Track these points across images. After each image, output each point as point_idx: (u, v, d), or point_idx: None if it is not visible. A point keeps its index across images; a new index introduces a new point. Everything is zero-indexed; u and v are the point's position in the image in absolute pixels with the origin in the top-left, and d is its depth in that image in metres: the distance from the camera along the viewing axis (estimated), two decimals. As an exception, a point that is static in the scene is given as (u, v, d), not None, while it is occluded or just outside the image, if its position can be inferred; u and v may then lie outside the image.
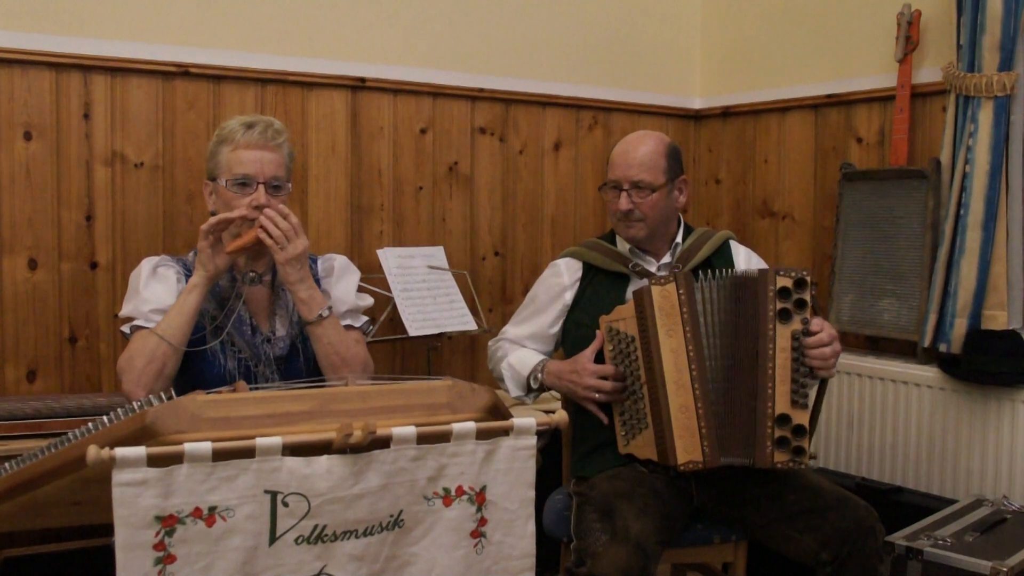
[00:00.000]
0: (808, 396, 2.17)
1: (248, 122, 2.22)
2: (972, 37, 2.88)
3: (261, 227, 2.14)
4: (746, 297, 2.22)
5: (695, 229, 2.59)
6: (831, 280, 3.33)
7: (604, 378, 2.29)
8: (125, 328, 2.18)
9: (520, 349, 2.52)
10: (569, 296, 2.52)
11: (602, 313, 2.36)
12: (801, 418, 2.15)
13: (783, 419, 2.14)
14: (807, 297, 2.18)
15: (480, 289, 3.52)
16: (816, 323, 2.18)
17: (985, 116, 2.85)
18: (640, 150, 2.45)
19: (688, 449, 2.18)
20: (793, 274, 2.19)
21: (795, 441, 2.14)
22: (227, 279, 2.25)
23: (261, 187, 2.18)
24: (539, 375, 2.42)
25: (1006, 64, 2.83)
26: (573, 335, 2.46)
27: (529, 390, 2.47)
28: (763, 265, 2.59)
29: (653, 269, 2.49)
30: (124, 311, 2.20)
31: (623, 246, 2.53)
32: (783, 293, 2.18)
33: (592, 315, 2.39)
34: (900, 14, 3.17)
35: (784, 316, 2.17)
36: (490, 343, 2.63)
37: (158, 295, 2.17)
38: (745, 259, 2.57)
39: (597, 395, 2.30)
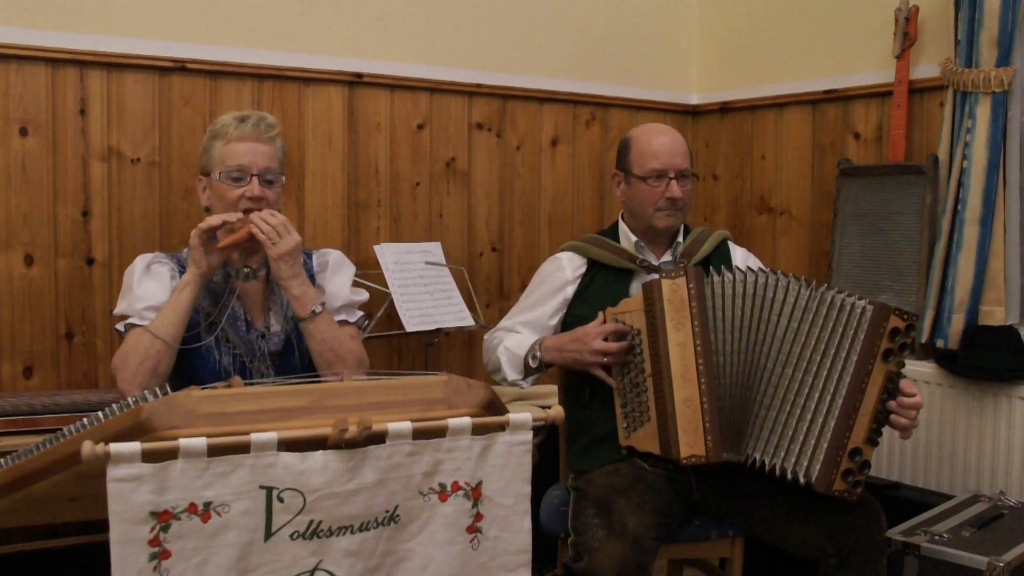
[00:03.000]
0: (881, 435, 2.14)
1: (241, 116, 2.22)
2: (970, 32, 2.88)
3: (253, 223, 2.14)
4: (826, 313, 2.17)
5: (692, 228, 2.59)
6: (828, 276, 3.33)
7: (607, 340, 2.29)
8: (119, 326, 2.18)
9: (516, 335, 2.52)
10: (571, 290, 2.52)
11: (606, 306, 2.36)
12: (869, 455, 2.12)
13: (855, 452, 2.11)
14: (909, 341, 2.14)
15: (477, 285, 3.51)
16: (908, 385, 2.14)
17: (983, 112, 2.85)
18: (678, 139, 2.49)
19: (691, 443, 2.17)
20: (906, 317, 2.14)
21: (858, 475, 2.11)
22: (221, 275, 2.25)
23: (255, 179, 2.18)
24: (537, 352, 2.41)
25: (1003, 59, 2.83)
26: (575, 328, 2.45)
27: (527, 372, 2.45)
28: (759, 264, 2.58)
29: (656, 265, 2.49)
30: (118, 309, 2.20)
31: (627, 242, 2.52)
32: (894, 333, 2.13)
33: (595, 308, 2.39)
34: (898, 10, 3.17)
35: (887, 355, 2.13)
36: (486, 336, 2.62)
37: (152, 292, 2.17)
38: (743, 259, 2.57)
39: (605, 358, 2.29)
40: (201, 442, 1.40)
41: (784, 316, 2.20)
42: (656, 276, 2.28)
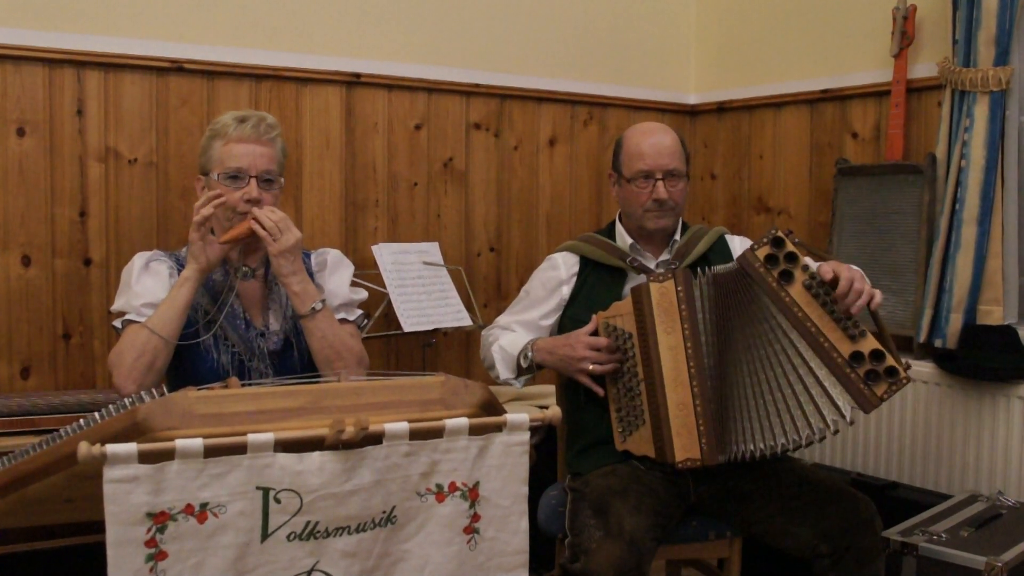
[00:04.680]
0: (859, 324, 2.09)
1: (241, 116, 2.22)
2: (967, 32, 2.87)
3: (254, 218, 2.14)
4: (740, 287, 2.20)
5: (689, 226, 2.58)
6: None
7: (598, 351, 2.29)
8: (117, 323, 2.17)
9: (511, 333, 2.52)
10: (566, 291, 2.51)
11: (599, 308, 2.36)
12: (870, 345, 2.07)
13: (856, 357, 2.07)
14: (791, 248, 2.14)
15: (475, 285, 3.51)
16: (825, 273, 2.11)
17: (980, 111, 2.85)
18: (667, 139, 2.45)
19: (686, 447, 2.17)
20: (766, 239, 2.16)
21: (881, 367, 2.05)
22: (220, 273, 2.25)
23: (253, 181, 2.18)
24: (529, 353, 2.41)
25: (1001, 59, 2.83)
26: (570, 330, 2.45)
27: (520, 372, 2.45)
28: None
29: (652, 265, 2.48)
30: (116, 306, 2.20)
31: (623, 242, 2.52)
32: (770, 260, 2.15)
33: (589, 310, 2.39)
34: (895, 9, 3.16)
35: (786, 278, 2.13)
36: (483, 331, 2.63)
37: (150, 289, 2.17)
38: (741, 247, 2.56)
39: (592, 366, 2.28)
40: (198, 443, 1.40)
41: (751, 302, 2.20)
42: (644, 279, 2.28)
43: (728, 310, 2.21)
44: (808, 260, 2.17)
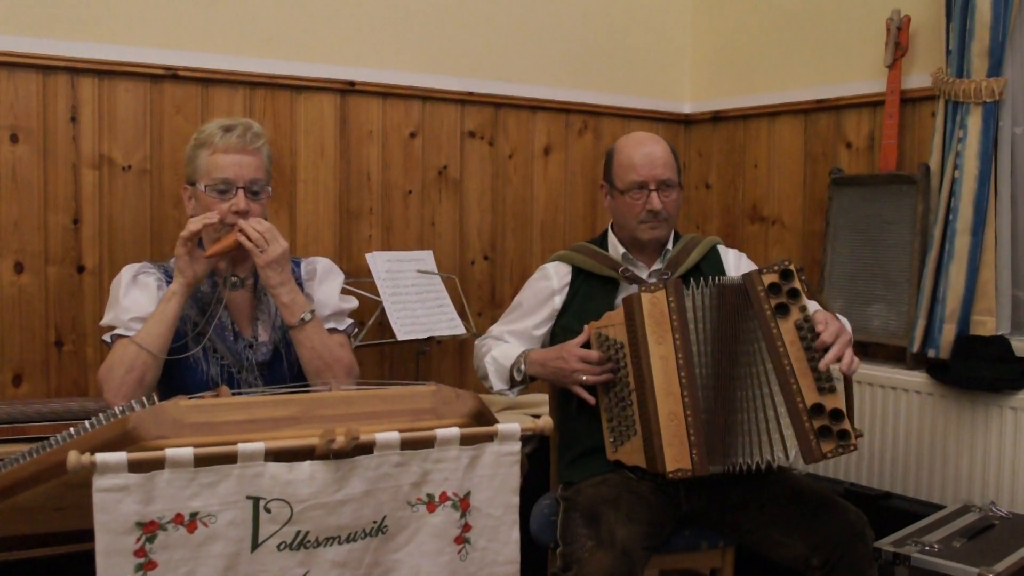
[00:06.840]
0: (832, 379, 2.12)
1: (226, 125, 2.20)
2: (961, 43, 2.88)
3: (240, 230, 2.13)
4: (738, 304, 2.21)
5: (682, 235, 2.58)
6: (820, 285, 3.33)
7: (590, 364, 2.29)
8: (106, 337, 2.16)
9: (504, 344, 2.52)
10: (559, 301, 2.51)
11: (591, 318, 2.36)
12: (834, 402, 2.10)
13: (817, 409, 2.10)
14: (797, 285, 2.16)
15: (469, 293, 3.51)
16: (818, 324, 2.13)
17: (974, 122, 2.86)
18: (659, 149, 2.46)
19: (677, 457, 2.17)
20: (776, 267, 2.18)
21: (836, 426, 2.09)
22: (208, 284, 2.24)
23: (240, 191, 2.17)
24: (522, 366, 2.41)
25: (995, 70, 2.84)
26: (562, 340, 2.45)
27: (513, 383, 2.44)
28: (753, 265, 2.59)
29: (644, 275, 2.48)
30: (105, 320, 2.19)
31: (615, 251, 2.52)
32: (773, 289, 2.17)
33: (581, 320, 2.39)
34: (890, 19, 3.17)
35: (782, 311, 2.15)
36: (476, 341, 2.62)
37: (138, 303, 2.15)
38: (735, 260, 2.57)
39: (584, 377, 2.28)
40: (188, 452, 1.39)
41: (742, 320, 2.21)
42: (636, 289, 2.28)
43: (724, 323, 2.22)
44: (808, 301, 2.19)
